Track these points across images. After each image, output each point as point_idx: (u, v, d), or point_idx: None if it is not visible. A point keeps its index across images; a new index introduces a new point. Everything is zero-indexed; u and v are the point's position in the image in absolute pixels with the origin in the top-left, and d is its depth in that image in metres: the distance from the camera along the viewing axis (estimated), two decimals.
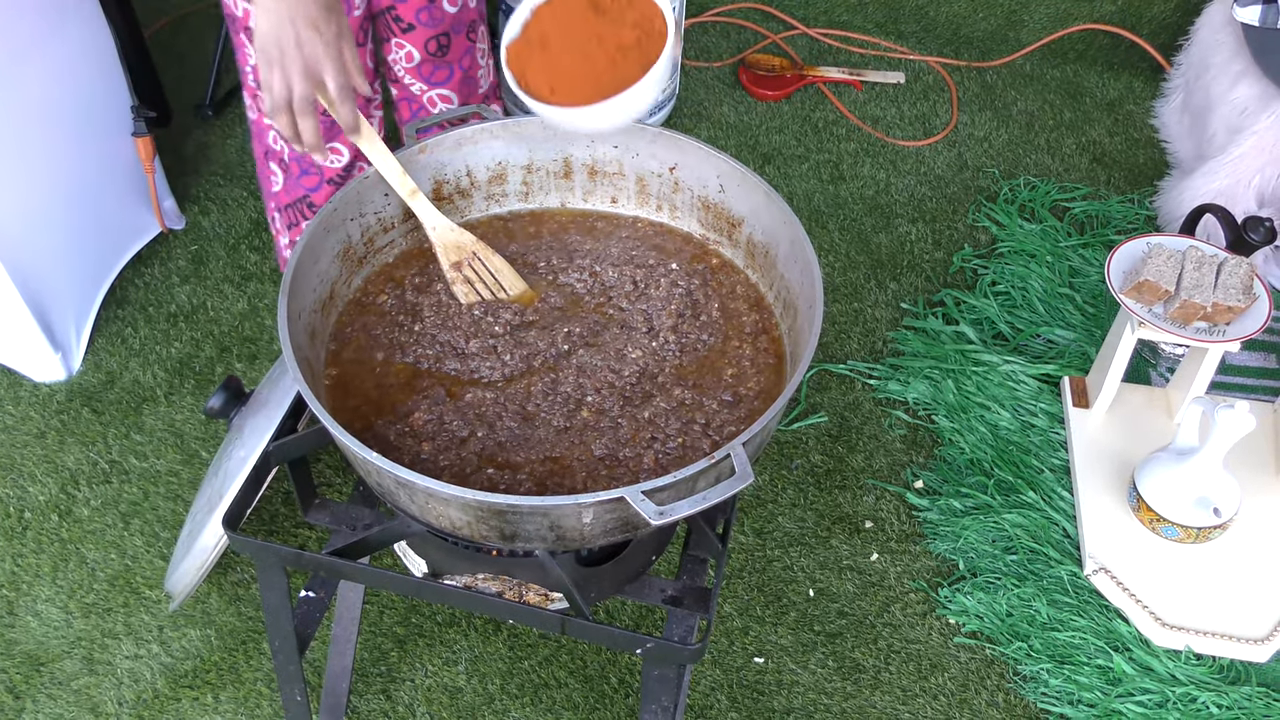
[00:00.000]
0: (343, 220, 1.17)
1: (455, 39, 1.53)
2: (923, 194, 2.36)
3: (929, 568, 1.74)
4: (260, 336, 2.00)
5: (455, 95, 1.60)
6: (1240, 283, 1.64)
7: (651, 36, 1.05)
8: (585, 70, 1.07)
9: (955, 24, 2.72)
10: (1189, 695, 1.56)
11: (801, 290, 1.13)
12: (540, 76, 1.09)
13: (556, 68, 1.08)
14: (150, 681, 1.58)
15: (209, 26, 2.65)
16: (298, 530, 1.74)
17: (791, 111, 2.54)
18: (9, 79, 1.68)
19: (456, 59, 1.55)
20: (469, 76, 1.58)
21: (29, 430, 1.86)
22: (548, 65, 1.08)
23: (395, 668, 1.60)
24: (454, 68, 1.55)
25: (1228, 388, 1.97)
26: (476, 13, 1.56)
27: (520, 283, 1.19)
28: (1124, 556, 1.68)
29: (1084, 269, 2.14)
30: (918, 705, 1.59)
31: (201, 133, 2.40)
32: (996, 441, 1.85)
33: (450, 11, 1.50)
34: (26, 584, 1.67)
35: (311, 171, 1.60)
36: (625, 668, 1.62)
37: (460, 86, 1.58)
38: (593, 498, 0.91)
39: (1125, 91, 2.64)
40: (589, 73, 1.06)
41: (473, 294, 1.18)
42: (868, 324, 2.10)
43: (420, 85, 1.57)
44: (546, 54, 1.08)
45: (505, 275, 1.19)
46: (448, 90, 1.57)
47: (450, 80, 1.56)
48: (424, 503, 0.97)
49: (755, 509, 1.80)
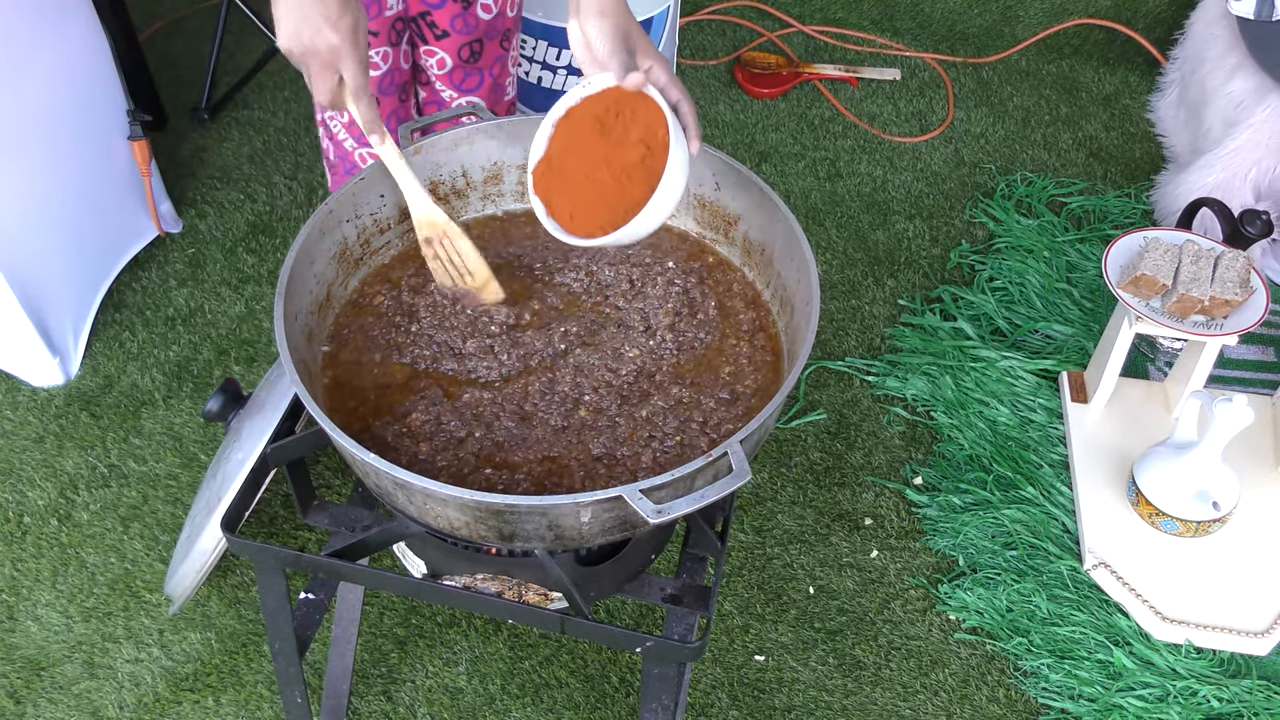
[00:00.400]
0: (339, 222, 1.17)
1: (488, 45, 1.53)
2: (920, 190, 2.36)
3: (929, 564, 1.74)
4: (258, 339, 2.00)
5: (484, 102, 1.61)
6: (1237, 276, 1.64)
7: (655, 150, 1.03)
8: (597, 196, 1.06)
9: (951, 20, 2.72)
10: (1189, 689, 1.56)
11: (798, 287, 1.12)
12: (562, 202, 1.09)
13: (573, 194, 1.08)
14: (151, 685, 1.58)
15: (204, 30, 2.65)
16: (297, 532, 1.74)
17: (788, 109, 2.54)
18: (5, 84, 1.68)
19: (488, 66, 1.55)
20: (498, 84, 1.59)
21: (27, 435, 1.86)
22: (566, 191, 1.08)
23: (396, 669, 1.60)
24: (484, 75, 1.56)
25: (1226, 381, 1.97)
26: (512, 21, 1.56)
27: (485, 270, 1.18)
28: (1123, 551, 1.68)
29: (1081, 264, 2.14)
30: (918, 701, 1.59)
31: (198, 136, 2.40)
32: (995, 437, 1.86)
33: (484, 19, 1.50)
34: (26, 589, 1.67)
35: (354, 172, 1.65)
36: (626, 667, 1.62)
37: (489, 94, 1.58)
38: (591, 497, 0.91)
39: (1121, 86, 2.65)
40: (601, 198, 1.06)
41: (444, 275, 1.18)
42: (865, 321, 2.10)
43: (451, 92, 1.58)
44: (564, 180, 1.08)
45: (470, 259, 1.18)
46: (477, 98, 1.57)
47: (480, 88, 1.57)
48: (422, 503, 0.97)
49: (754, 507, 1.80)
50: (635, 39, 1.06)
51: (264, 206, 2.25)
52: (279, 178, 2.31)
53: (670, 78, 1.06)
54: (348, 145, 1.61)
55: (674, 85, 1.06)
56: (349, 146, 1.61)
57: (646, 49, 1.07)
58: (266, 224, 2.21)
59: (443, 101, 1.61)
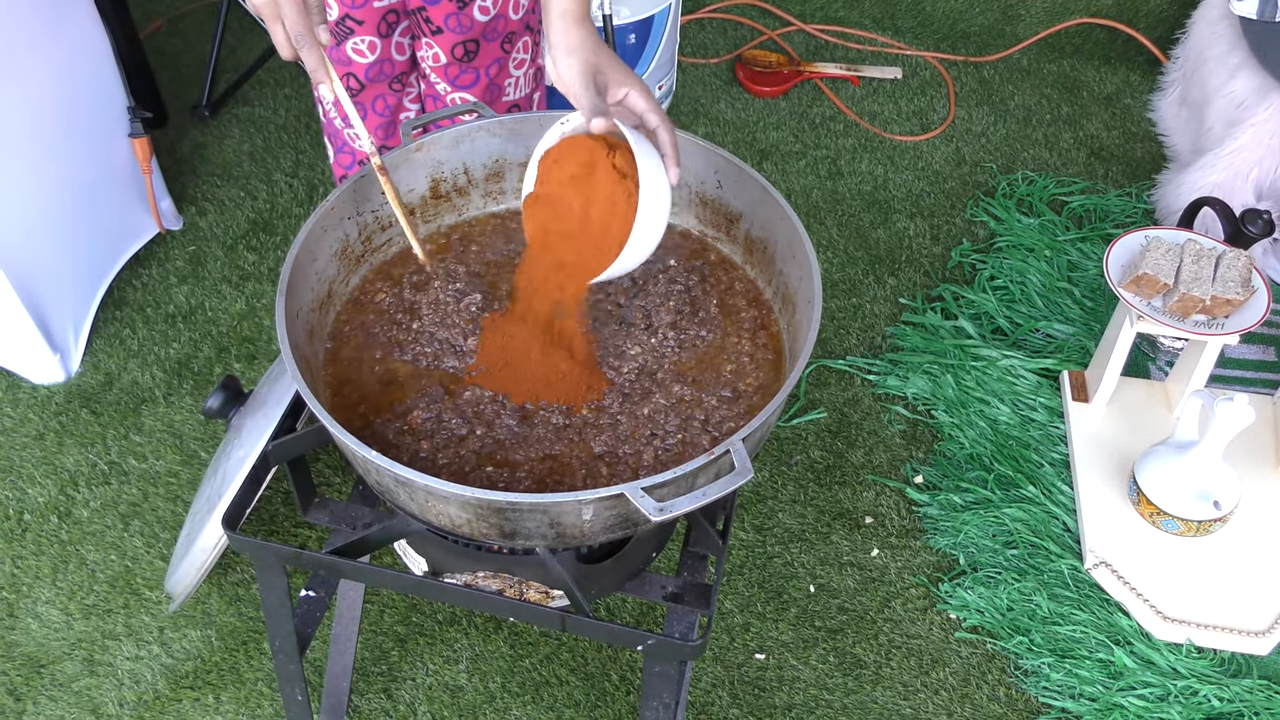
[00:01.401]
0: (340, 219, 1.16)
1: (485, 46, 1.53)
2: (920, 189, 2.36)
3: (929, 563, 1.74)
4: (258, 336, 2.00)
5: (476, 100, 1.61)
6: (1239, 275, 1.64)
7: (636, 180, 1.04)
8: (586, 239, 1.07)
9: (952, 19, 2.72)
10: (1190, 688, 1.56)
11: (800, 286, 1.12)
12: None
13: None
14: (151, 682, 1.58)
15: (204, 27, 2.65)
16: (297, 530, 1.74)
17: (789, 107, 2.54)
18: (5, 81, 1.68)
19: (484, 65, 1.55)
20: (495, 84, 1.58)
21: (28, 432, 1.86)
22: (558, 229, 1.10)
23: (396, 666, 1.60)
24: (480, 73, 1.55)
25: (1226, 381, 1.97)
26: (519, 24, 1.54)
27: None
28: (1124, 550, 1.68)
29: (1082, 263, 2.14)
30: (919, 700, 1.59)
31: (198, 133, 2.40)
32: (996, 436, 1.85)
33: (480, 20, 1.49)
34: (26, 586, 1.67)
35: (345, 151, 1.67)
36: (626, 665, 1.61)
37: (485, 93, 1.58)
38: (593, 494, 0.91)
39: (1122, 85, 2.64)
40: (587, 239, 1.06)
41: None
42: (866, 319, 2.09)
43: (445, 86, 1.57)
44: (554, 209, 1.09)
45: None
46: (470, 95, 1.57)
47: (475, 85, 1.56)
48: (424, 501, 0.97)
49: (755, 505, 1.80)
50: (607, 73, 1.06)
51: (264, 204, 2.25)
52: (279, 175, 2.31)
53: (649, 103, 1.06)
54: (337, 123, 1.62)
55: (653, 111, 1.06)
56: (339, 124, 1.63)
57: (621, 79, 1.06)
58: (267, 221, 2.21)
59: (438, 95, 1.61)
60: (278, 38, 1.05)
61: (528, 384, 1.10)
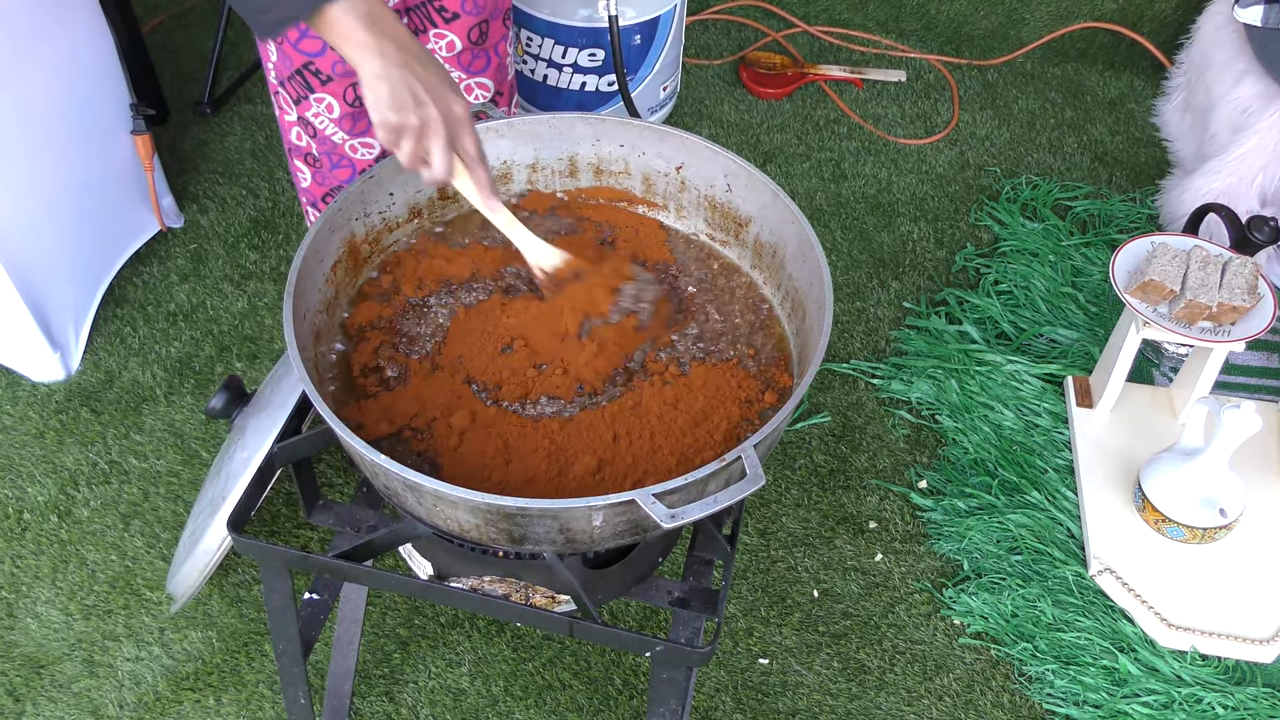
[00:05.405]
0: (348, 220, 1.16)
1: (493, 24, 1.52)
2: (924, 193, 2.35)
3: (933, 568, 1.74)
4: (260, 335, 1.99)
5: (492, 83, 1.59)
6: (1245, 282, 1.64)
7: None
8: None
9: (956, 22, 2.72)
10: (1195, 696, 1.56)
11: (810, 290, 1.12)
12: None
13: None
14: (151, 684, 1.57)
15: (206, 23, 2.64)
16: (299, 531, 1.73)
17: (792, 110, 2.54)
18: (7, 77, 1.66)
19: (493, 45, 1.54)
20: (502, 64, 1.58)
21: (28, 430, 1.84)
22: None
23: (398, 669, 1.59)
24: (490, 55, 1.55)
25: (1231, 387, 1.97)
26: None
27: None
28: (1129, 557, 1.67)
29: (1086, 268, 2.14)
30: (923, 706, 1.59)
31: (200, 130, 2.39)
32: (1000, 441, 1.85)
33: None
34: (26, 586, 1.66)
35: (344, 165, 1.62)
36: (630, 669, 1.61)
37: (496, 74, 1.57)
38: (603, 500, 0.90)
39: (1126, 90, 2.64)
40: None
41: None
42: (870, 323, 2.09)
43: (460, 74, 1.56)
44: None
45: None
46: (486, 79, 1.56)
47: (488, 69, 1.56)
48: (432, 505, 0.96)
49: (759, 509, 1.79)
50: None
51: (266, 202, 2.24)
52: (281, 173, 2.30)
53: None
54: (336, 139, 1.58)
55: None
56: (338, 140, 1.59)
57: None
58: (269, 219, 2.20)
59: None
60: (441, 159, 1.01)
61: (561, 305, 1.12)
